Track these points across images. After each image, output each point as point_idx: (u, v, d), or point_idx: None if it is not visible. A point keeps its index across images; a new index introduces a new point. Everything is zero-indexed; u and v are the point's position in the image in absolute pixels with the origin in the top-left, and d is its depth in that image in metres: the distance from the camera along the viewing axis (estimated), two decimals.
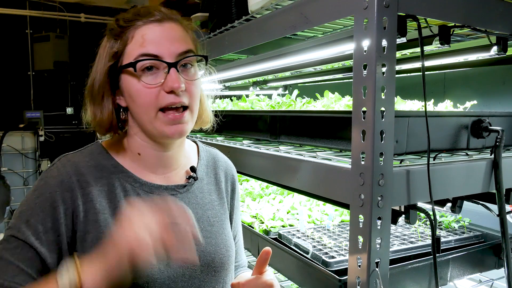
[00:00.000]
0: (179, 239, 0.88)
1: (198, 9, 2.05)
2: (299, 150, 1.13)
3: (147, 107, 0.86)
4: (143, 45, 0.85)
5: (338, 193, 0.88)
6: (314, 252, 1.17)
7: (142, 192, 0.92)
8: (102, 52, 0.90)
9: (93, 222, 0.85)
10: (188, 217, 0.89)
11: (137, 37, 0.86)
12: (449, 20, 0.89)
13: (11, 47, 5.05)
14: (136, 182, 0.92)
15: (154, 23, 0.87)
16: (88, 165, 0.90)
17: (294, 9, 1.03)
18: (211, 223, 0.99)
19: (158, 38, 0.86)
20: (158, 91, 0.85)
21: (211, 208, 1.01)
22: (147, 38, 0.86)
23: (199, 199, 0.99)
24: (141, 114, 0.88)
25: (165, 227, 0.87)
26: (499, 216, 0.98)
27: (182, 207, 0.89)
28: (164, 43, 0.86)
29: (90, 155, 0.93)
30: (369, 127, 0.77)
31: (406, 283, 1.05)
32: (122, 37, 0.88)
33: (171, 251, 0.87)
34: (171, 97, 0.86)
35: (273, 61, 1.48)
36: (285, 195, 1.79)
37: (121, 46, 0.87)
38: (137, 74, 0.85)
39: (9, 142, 4.49)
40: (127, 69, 0.86)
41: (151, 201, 0.86)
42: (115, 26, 0.89)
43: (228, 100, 2.18)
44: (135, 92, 0.86)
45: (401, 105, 1.28)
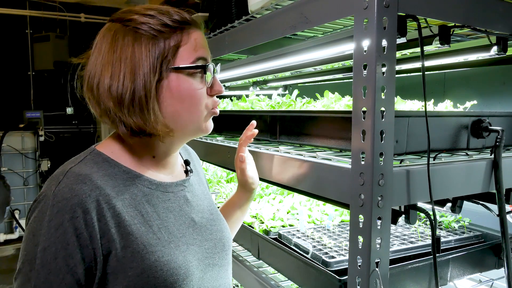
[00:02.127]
0: (199, 233, 0.95)
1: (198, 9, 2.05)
2: (299, 150, 1.13)
3: (199, 108, 0.88)
4: (196, 49, 0.87)
5: (338, 193, 0.88)
6: (314, 252, 1.17)
7: (159, 193, 0.90)
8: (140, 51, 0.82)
9: (128, 235, 0.80)
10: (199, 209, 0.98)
11: (191, 41, 0.87)
12: (449, 20, 0.89)
13: (11, 47, 5.06)
14: (152, 183, 0.90)
15: (197, 28, 0.90)
16: (100, 175, 0.82)
17: (294, 9, 1.03)
18: (211, 211, 1.02)
19: (204, 44, 0.90)
20: (205, 92, 0.89)
21: (205, 198, 1.04)
22: (198, 42, 0.88)
23: (196, 191, 1.02)
24: (190, 114, 0.88)
25: (188, 225, 0.94)
26: (499, 216, 0.98)
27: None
28: (207, 49, 0.91)
29: (96, 165, 0.85)
30: (369, 127, 0.77)
31: (406, 283, 1.05)
32: (172, 37, 0.84)
33: (198, 246, 0.93)
34: (216, 99, 0.92)
35: (273, 61, 1.48)
36: (285, 195, 1.79)
37: (173, 47, 0.84)
38: (194, 76, 0.87)
39: (9, 142, 4.50)
40: (182, 71, 0.85)
41: (168, 202, 0.92)
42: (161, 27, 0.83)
43: (228, 100, 2.18)
44: (189, 93, 0.87)
45: (401, 105, 1.28)
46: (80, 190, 0.78)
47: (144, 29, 0.83)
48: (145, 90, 0.81)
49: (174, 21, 0.86)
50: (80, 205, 0.76)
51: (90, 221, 0.77)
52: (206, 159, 1.66)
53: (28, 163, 4.65)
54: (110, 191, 0.81)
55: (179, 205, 0.93)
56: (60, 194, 0.77)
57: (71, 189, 0.77)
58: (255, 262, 1.50)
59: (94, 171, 0.82)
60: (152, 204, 0.88)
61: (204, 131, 0.92)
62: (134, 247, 0.80)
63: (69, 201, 0.76)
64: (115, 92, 0.81)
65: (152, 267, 0.80)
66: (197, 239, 0.93)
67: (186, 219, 0.93)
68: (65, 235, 0.75)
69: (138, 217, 0.84)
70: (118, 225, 0.80)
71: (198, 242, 0.93)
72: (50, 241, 0.75)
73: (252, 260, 1.51)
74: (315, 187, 0.97)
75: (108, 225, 0.79)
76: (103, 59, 0.83)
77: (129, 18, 0.84)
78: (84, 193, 0.78)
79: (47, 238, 0.75)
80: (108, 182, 0.82)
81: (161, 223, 0.87)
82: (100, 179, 0.82)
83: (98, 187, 0.80)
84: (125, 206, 0.82)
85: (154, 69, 0.82)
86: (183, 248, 0.88)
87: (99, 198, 0.79)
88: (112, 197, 0.81)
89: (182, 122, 0.88)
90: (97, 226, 0.77)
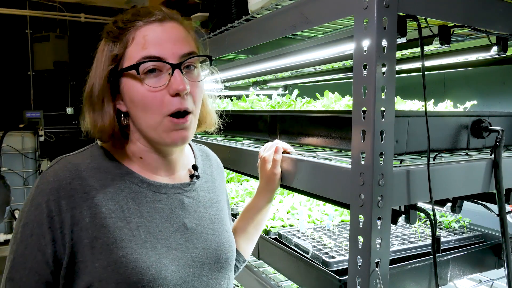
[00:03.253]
0: (188, 239, 0.92)
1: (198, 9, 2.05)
2: (299, 150, 1.13)
3: (152, 112, 0.83)
4: (145, 47, 0.82)
5: (338, 193, 0.88)
6: (314, 252, 1.17)
7: (149, 192, 0.89)
8: (101, 56, 0.86)
9: (101, 227, 0.81)
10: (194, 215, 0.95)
11: (138, 39, 0.83)
12: (449, 20, 0.89)
13: (11, 47, 5.05)
14: (143, 182, 0.89)
15: (155, 23, 0.84)
16: (91, 167, 0.86)
17: (294, 9, 1.03)
18: (213, 220, 0.99)
19: (160, 39, 0.83)
20: (163, 95, 0.83)
21: (211, 205, 1.01)
22: (149, 39, 0.83)
23: (201, 197, 0.99)
24: (145, 119, 0.85)
25: (176, 229, 0.91)
26: (499, 216, 0.98)
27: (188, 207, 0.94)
28: (167, 44, 0.83)
29: (91, 157, 0.89)
30: (369, 127, 0.77)
31: (406, 283, 1.05)
32: (121, 39, 0.84)
33: (183, 252, 0.91)
34: (177, 102, 0.83)
35: (273, 61, 1.48)
36: (285, 195, 1.79)
37: (121, 48, 0.84)
38: (140, 77, 0.82)
39: (9, 142, 4.49)
40: (129, 72, 0.83)
41: (158, 203, 0.90)
42: (113, 28, 0.85)
43: (228, 100, 2.18)
44: (139, 96, 0.83)
45: (401, 105, 1.28)
46: (62, 176, 0.82)
47: (105, 33, 0.87)
48: (98, 90, 0.85)
49: (125, 20, 0.85)
50: (57, 190, 0.81)
51: (64, 207, 0.80)
52: None
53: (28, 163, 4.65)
54: (94, 182, 0.84)
55: (170, 208, 0.91)
56: (46, 176, 0.83)
57: (55, 174, 0.83)
58: (255, 262, 1.50)
59: (86, 162, 0.87)
60: (137, 202, 0.87)
61: (169, 142, 0.86)
62: (105, 239, 0.81)
63: (50, 184, 0.82)
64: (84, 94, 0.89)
65: (117, 262, 0.80)
66: (184, 245, 0.90)
67: (175, 222, 0.90)
68: (41, 215, 0.80)
69: (118, 211, 0.84)
70: (94, 216, 0.82)
71: (185, 248, 0.90)
72: (29, 218, 0.81)
73: (252, 260, 1.51)
74: (315, 187, 0.97)
75: (83, 214, 0.81)
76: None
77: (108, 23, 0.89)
78: (65, 179, 0.82)
79: (28, 215, 0.81)
80: (95, 175, 0.85)
81: (141, 221, 0.85)
82: (88, 170, 0.85)
83: (82, 177, 0.84)
84: (105, 199, 0.84)
85: (104, 70, 0.85)
86: (161, 250, 0.85)
87: (77, 188, 0.82)
88: (94, 188, 0.84)
89: (141, 128, 0.87)
90: (69, 213, 0.80)
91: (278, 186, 1.11)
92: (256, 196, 1.15)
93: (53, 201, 0.80)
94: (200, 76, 0.90)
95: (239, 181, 2.18)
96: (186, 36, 0.88)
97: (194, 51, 0.87)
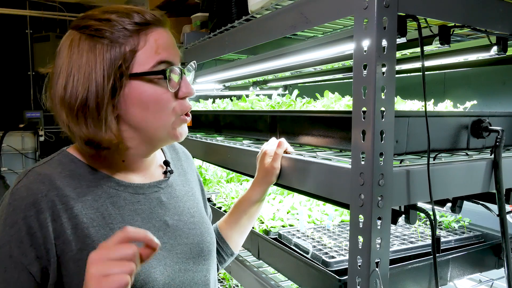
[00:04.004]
0: (171, 237, 0.92)
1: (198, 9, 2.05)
2: (299, 150, 1.13)
3: (166, 114, 0.84)
4: (157, 52, 0.82)
5: (338, 193, 0.88)
6: (314, 252, 1.17)
7: (127, 195, 0.88)
8: (93, 58, 0.79)
9: (84, 238, 0.79)
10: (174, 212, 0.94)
11: (150, 43, 0.82)
12: (449, 20, 0.89)
13: (11, 47, 5.05)
14: (120, 185, 0.87)
15: (161, 28, 0.85)
16: (63, 176, 0.82)
17: (294, 9, 1.03)
18: (192, 214, 0.99)
19: (168, 44, 0.85)
20: (172, 97, 0.85)
21: (188, 199, 1.01)
22: (160, 44, 0.83)
23: (177, 192, 0.99)
24: (155, 121, 0.84)
25: (159, 228, 0.90)
26: (499, 216, 0.98)
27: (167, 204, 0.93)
28: (173, 49, 0.85)
29: (61, 165, 0.84)
30: (369, 127, 0.77)
31: (406, 283, 1.05)
32: (127, 42, 0.80)
33: (168, 251, 0.89)
34: (187, 102, 0.88)
35: (273, 61, 1.48)
36: (285, 195, 1.79)
37: (130, 53, 0.80)
38: (156, 81, 0.82)
39: (9, 142, 4.49)
40: (143, 77, 0.81)
41: (137, 204, 0.88)
42: (112, 28, 0.80)
43: (228, 100, 2.18)
44: (153, 99, 0.82)
45: (401, 105, 1.28)
46: (37, 190, 0.78)
47: (98, 35, 0.80)
48: (97, 99, 0.78)
49: (132, 23, 0.81)
50: (34, 205, 0.76)
51: (44, 221, 0.76)
52: (206, 159, 1.66)
53: (28, 163, 4.64)
54: (70, 192, 0.80)
55: (150, 208, 0.90)
56: (17, 193, 0.78)
57: (28, 188, 0.78)
58: (255, 262, 1.50)
59: (57, 172, 0.82)
60: (117, 206, 0.85)
61: (175, 137, 0.88)
62: (90, 250, 0.75)
63: (24, 200, 0.77)
64: (67, 101, 0.79)
65: None
66: (168, 243, 0.90)
67: (156, 222, 0.90)
68: (19, 233, 0.75)
69: (99, 219, 0.82)
70: (75, 227, 0.79)
71: (169, 246, 0.90)
72: (5, 239, 0.75)
73: (252, 260, 1.51)
74: (315, 187, 0.97)
75: (64, 226, 0.78)
76: (61, 68, 0.81)
77: (85, 25, 0.81)
78: (40, 192, 0.78)
79: (2, 237, 0.76)
80: (70, 183, 0.81)
81: (124, 225, 0.80)
82: (61, 179, 0.81)
83: (57, 188, 0.79)
84: (85, 208, 0.81)
85: (108, 76, 0.78)
86: None
87: (55, 199, 0.78)
88: (71, 198, 0.80)
89: (149, 130, 0.85)
90: (51, 227, 0.77)
91: (275, 181, 1.11)
92: (251, 188, 1.16)
93: (32, 217, 0.76)
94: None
95: (239, 181, 2.18)
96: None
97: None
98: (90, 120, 0.79)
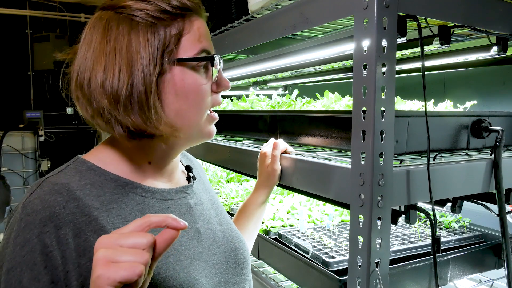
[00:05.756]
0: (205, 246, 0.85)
1: None
2: (299, 150, 1.13)
3: (202, 107, 0.79)
4: (200, 40, 0.77)
5: (338, 193, 0.88)
6: (314, 252, 1.17)
7: (155, 201, 0.79)
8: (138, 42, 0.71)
9: None
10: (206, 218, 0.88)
11: (194, 30, 0.76)
12: (449, 20, 0.89)
13: (11, 47, 5.05)
14: (146, 191, 0.78)
15: (200, 18, 0.79)
16: (82, 184, 0.72)
17: (294, 9, 1.03)
18: (219, 222, 0.92)
19: (207, 34, 0.80)
20: (209, 89, 0.80)
21: (212, 207, 0.95)
22: (201, 32, 0.78)
23: (202, 199, 0.92)
24: (192, 113, 0.78)
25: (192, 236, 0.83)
26: (499, 216, 0.98)
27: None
28: (210, 40, 0.81)
29: (79, 173, 0.74)
30: (369, 127, 0.77)
31: (406, 283, 1.05)
32: (172, 25, 0.74)
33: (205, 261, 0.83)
34: (219, 96, 0.82)
35: (273, 61, 1.48)
36: (285, 195, 1.79)
37: (175, 36, 0.74)
38: (199, 69, 0.77)
39: (9, 142, 4.49)
40: (186, 63, 0.75)
41: (167, 211, 0.80)
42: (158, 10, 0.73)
43: (228, 100, 2.18)
44: (193, 89, 0.76)
45: (401, 105, 1.28)
46: (54, 202, 0.67)
47: (140, 16, 0.72)
48: (145, 84, 0.71)
49: (174, 6, 0.74)
50: (51, 219, 0.66)
51: (64, 238, 0.65)
52: (206, 159, 1.66)
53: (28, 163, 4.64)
54: (92, 201, 0.71)
55: (180, 214, 0.82)
56: (30, 206, 0.67)
57: (43, 200, 0.67)
58: (255, 262, 1.50)
59: (74, 180, 0.72)
60: (146, 214, 0.74)
61: (207, 135, 0.83)
62: None
63: (38, 214, 0.66)
64: (109, 88, 0.70)
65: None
66: (203, 252, 0.82)
67: (189, 229, 0.82)
68: (32, 254, 0.64)
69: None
70: None
71: (205, 256, 0.82)
72: (15, 261, 0.64)
73: (252, 260, 1.51)
74: (315, 187, 0.97)
75: (89, 241, 0.67)
76: (95, 51, 0.72)
77: (122, 5, 0.74)
78: (58, 204, 0.67)
79: (12, 258, 0.64)
80: (91, 192, 0.72)
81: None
82: (81, 188, 0.71)
83: (77, 198, 0.69)
84: (111, 218, 0.71)
85: (154, 60, 0.72)
86: (186, 263, 0.77)
87: (75, 211, 0.68)
88: (95, 208, 0.70)
89: (186, 122, 0.77)
90: (72, 244, 0.66)
91: (278, 182, 1.10)
92: (254, 191, 1.15)
93: (48, 233, 0.65)
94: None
95: (239, 181, 2.18)
96: None
97: None
98: (136, 108, 0.71)
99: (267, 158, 1.09)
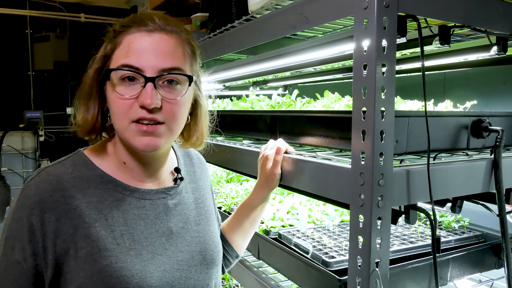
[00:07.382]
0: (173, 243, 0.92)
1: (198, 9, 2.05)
2: (299, 150, 1.13)
3: (119, 116, 0.84)
4: (127, 55, 0.82)
5: (338, 193, 0.88)
6: (314, 252, 1.17)
7: (133, 199, 0.90)
8: (98, 54, 0.89)
9: (84, 237, 0.82)
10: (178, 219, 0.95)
11: (124, 45, 0.83)
12: (449, 20, 0.89)
13: (11, 47, 5.05)
14: (126, 189, 0.90)
15: (144, 33, 0.83)
16: (72, 177, 0.86)
17: (294, 9, 1.03)
18: (198, 222, 1.00)
19: (143, 49, 0.82)
20: (132, 103, 0.82)
21: (196, 206, 1.02)
22: (132, 47, 0.82)
23: (186, 199, 1.00)
24: (116, 122, 0.86)
25: (162, 234, 0.91)
26: (499, 216, 0.98)
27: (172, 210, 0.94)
28: (148, 55, 0.82)
29: (72, 166, 0.88)
30: (369, 127, 0.77)
31: (406, 283, 1.05)
32: (113, 41, 0.86)
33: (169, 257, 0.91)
34: (143, 112, 0.82)
35: (273, 61, 1.48)
36: (285, 195, 1.79)
37: (110, 50, 0.86)
38: (114, 83, 0.83)
39: (9, 142, 4.49)
40: (111, 75, 0.84)
41: (142, 209, 0.90)
42: (110, 29, 0.88)
43: (228, 100, 2.18)
44: (111, 99, 0.85)
45: (401, 105, 1.28)
46: (43, 189, 0.82)
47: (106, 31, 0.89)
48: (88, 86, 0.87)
49: (121, 24, 0.86)
50: (39, 204, 0.81)
51: (47, 220, 0.80)
52: (206, 159, 1.66)
53: (28, 163, 4.64)
54: (76, 192, 0.84)
55: (155, 213, 0.91)
56: (26, 190, 0.83)
57: (36, 187, 0.83)
58: (255, 262, 1.50)
59: (67, 172, 0.86)
60: (121, 210, 0.87)
61: (134, 146, 0.84)
62: (89, 249, 0.81)
63: (31, 198, 0.81)
64: (80, 85, 0.90)
65: (101, 272, 0.80)
66: (169, 249, 0.91)
67: (160, 227, 0.91)
68: (22, 229, 0.80)
69: (101, 220, 0.84)
70: (77, 226, 0.82)
71: (170, 252, 0.90)
72: (11, 232, 0.81)
73: (252, 260, 1.51)
74: (315, 187, 0.97)
75: (66, 225, 0.81)
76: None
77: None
78: (46, 192, 0.82)
79: (9, 229, 0.82)
80: (77, 184, 0.85)
81: (126, 229, 0.86)
82: (69, 180, 0.85)
83: (63, 188, 0.83)
84: (89, 209, 0.84)
85: (94, 69, 0.87)
86: (146, 257, 0.86)
87: (60, 199, 0.82)
88: (77, 198, 0.83)
89: (117, 128, 0.87)
90: (53, 226, 0.80)
91: (277, 185, 1.11)
92: (253, 193, 1.15)
93: (35, 215, 0.80)
94: (182, 93, 0.86)
95: (239, 181, 2.18)
96: (173, 50, 0.85)
97: (178, 67, 0.84)
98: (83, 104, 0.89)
99: (268, 161, 1.09)
